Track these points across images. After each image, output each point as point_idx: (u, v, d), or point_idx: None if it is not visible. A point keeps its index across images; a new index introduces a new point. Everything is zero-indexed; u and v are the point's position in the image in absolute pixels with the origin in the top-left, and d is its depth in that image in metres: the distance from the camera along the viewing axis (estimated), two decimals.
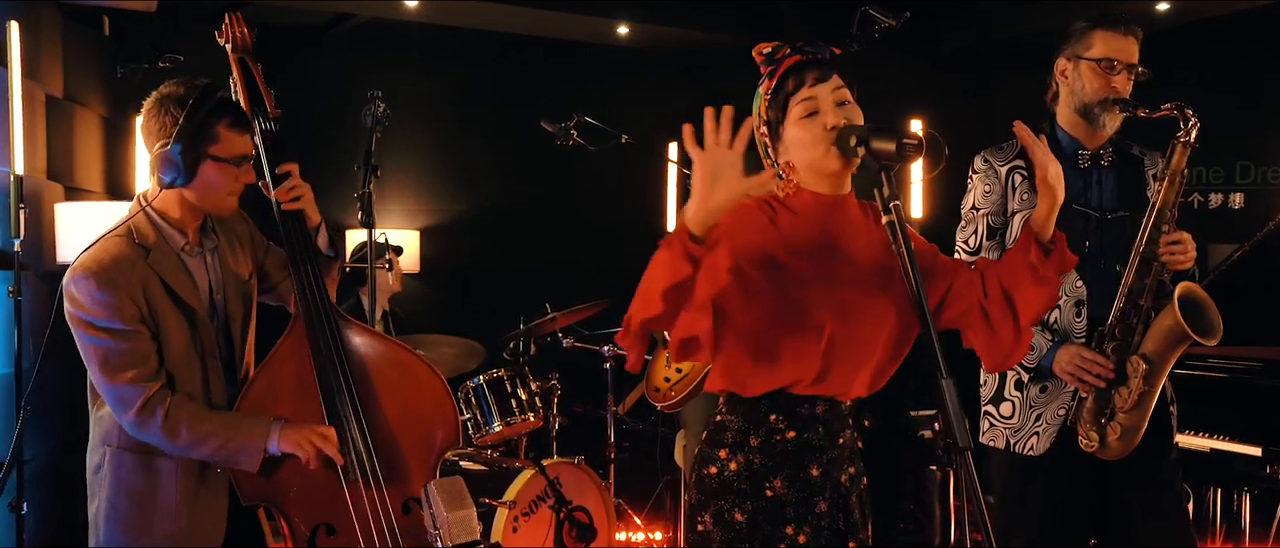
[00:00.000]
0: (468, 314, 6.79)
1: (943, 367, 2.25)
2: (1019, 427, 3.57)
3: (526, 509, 5.18)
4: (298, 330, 3.30)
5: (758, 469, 2.62)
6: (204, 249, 3.26)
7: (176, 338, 3.13)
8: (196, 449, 3.11)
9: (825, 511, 2.65)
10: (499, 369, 5.61)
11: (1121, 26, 3.56)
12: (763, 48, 2.72)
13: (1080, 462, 3.49)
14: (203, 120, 3.08)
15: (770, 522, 2.62)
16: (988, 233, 3.61)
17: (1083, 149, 3.60)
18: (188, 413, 3.09)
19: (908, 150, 2.39)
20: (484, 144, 8.22)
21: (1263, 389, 4.57)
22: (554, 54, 8.22)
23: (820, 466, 2.65)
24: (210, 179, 3.13)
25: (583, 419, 6.51)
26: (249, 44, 3.38)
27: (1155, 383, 3.39)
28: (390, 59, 7.86)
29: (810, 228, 2.62)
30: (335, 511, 3.25)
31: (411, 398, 3.37)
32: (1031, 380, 3.55)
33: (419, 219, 8.10)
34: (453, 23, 7.77)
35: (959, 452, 2.21)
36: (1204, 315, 3.36)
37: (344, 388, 3.26)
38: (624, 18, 7.65)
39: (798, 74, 2.64)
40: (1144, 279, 3.43)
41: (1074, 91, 3.59)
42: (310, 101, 7.34)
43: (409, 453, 3.35)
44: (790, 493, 2.62)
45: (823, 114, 2.59)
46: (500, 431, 5.52)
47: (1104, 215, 3.57)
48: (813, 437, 2.64)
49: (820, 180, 2.65)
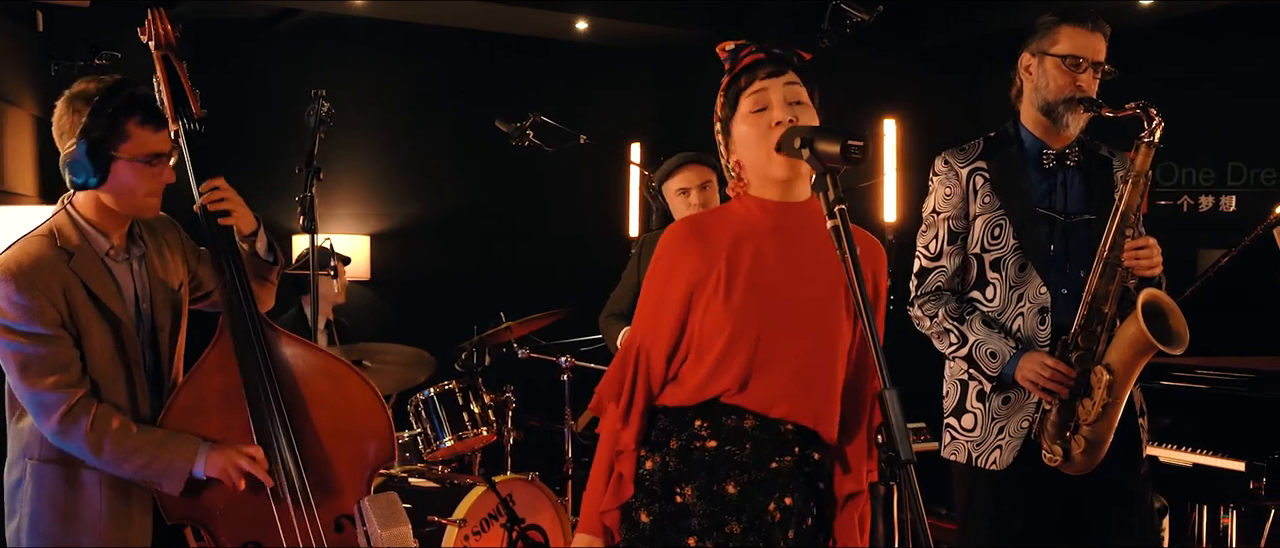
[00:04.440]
0: (420, 323, 6.80)
1: (885, 377, 2.29)
2: (981, 440, 3.58)
3: (478, 528, 5.21)
4: (224, 341, 3.31)
5: (670, 473, 2.66)
6: (130, 256, 3.28)
7: (99, 346, 3.15)
8: (120, 465, 3.12)
9: (738, 533, 2.63)
10: (450, 382, 5.63)
11: (1089, 22, 3.56)
12: (726, 45, 2.76)
13: (1045, 476, 3.50)
14: (111, 118, 3.10)
15: (674, 529, 2.64)
16: (948, 237, 3.63)
17: (1047, 149, 3.61)
18: (114, 425, 3.10)
19: (852, 153, 2.42)
20: (438, 145, 8.25)
21: (1248, 402, 4.58)
22: (512, 51, 8.26)
23: (739, 485, 2.64)
24: (124, 180, 3.15)
25: (540, 434, 6.53)
26: (173, 41, 3.39)
27: (1120, 394, 3.40)
28: (339, 55, 7.88)
29: (753, 234, 2.67)
30: (264, 529, 3.26)
31: (343, 411, 3.39)
32: (994, 391, 3.56)
33: (370, 224, 8.11)
34: (404, 17, 7.80)
35: (901, 465, 2.25)
36: (1169, 324, 3.36)
37: (272, 401, 3.28)
38: (583, 12, 7.69)
39: (751, 70, 2.68)
40: (1108, 286, 3.44)
41: (1038, 89, 3.59)
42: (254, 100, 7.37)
43: (340, 469, 3.36)
44: (699, 504, 2.64)
45: (772, 109, 2.63)
46: (452, 445, 5.55)
47: (1069, 219, 3.58)
48: (735, 452, 2.65)
49: (769, 186, 2.69)
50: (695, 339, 2.66)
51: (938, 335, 3.65)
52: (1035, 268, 3.55)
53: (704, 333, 2.65)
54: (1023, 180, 3.59)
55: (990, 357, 3.52)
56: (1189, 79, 7.76)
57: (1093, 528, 3.60)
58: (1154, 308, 3.36)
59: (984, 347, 3.53)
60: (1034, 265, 3.55)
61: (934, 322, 3.64)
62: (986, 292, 3.62)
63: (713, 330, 2.64)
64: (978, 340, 3.54)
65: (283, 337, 3.38)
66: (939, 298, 3.65)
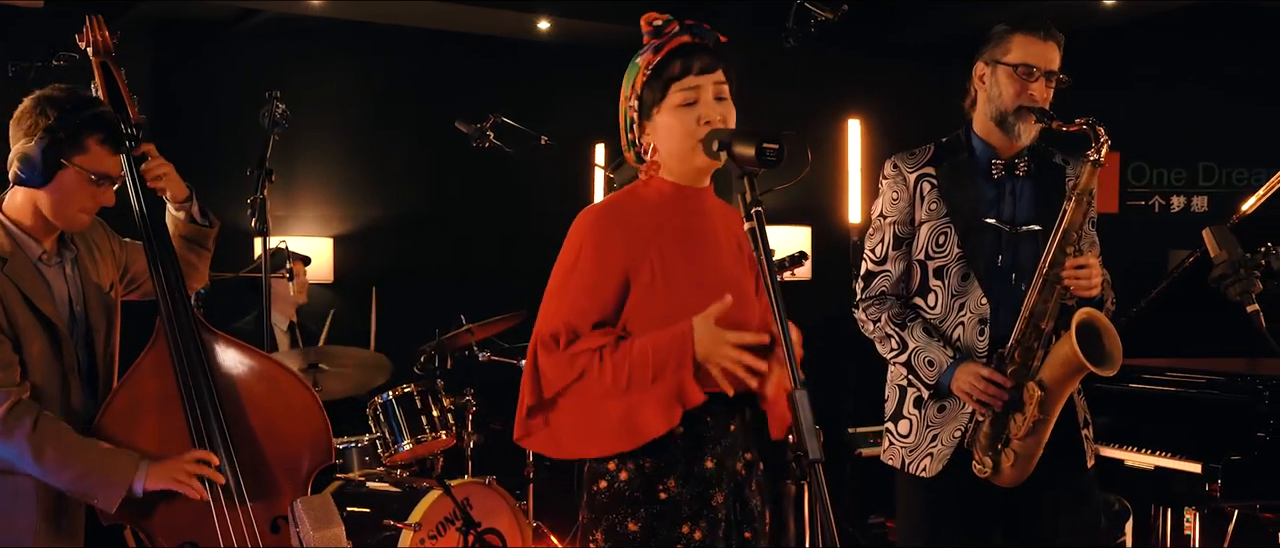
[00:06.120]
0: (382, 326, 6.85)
1: (797, 378, 2.37)
2: (914, 446, 3.63)
3: (434, 532, 5.26)
4: (160, 344, 3.39)
5: (649, 473, 2.73)
6: (63, 260, 3.36)
7: (36, 351, 3.23)
8: (57, 473, 3.19)
9: (721, 502, 2.75)
10: (409, 385, 5.68)
11: (1042, 31, 3.57)
12: (653, 19, 2.82)
13: (976, 485, 3.55)
14: (76, 127, 3.19)
15: (665, 525, 2.73)
16: (894, 242, 3.67)
17: (997, 158, 3.62)
18: (58, 432, 3.18)
19: (768, 156, 2.51)
20: (402, 147, 8.29)
21: (1207, 403, 4.63)
22: (473, 51, 8.30)
23: (715, 456, 2.76)
24: (67, 188, 3.22)
25: (501, 437, 6.56)
26: (111, 47, 3.49)
27: (1051, 411, 3.44)
28: (302, 56, 7.92)
29: (671, 220, 2.77)
30: (201, 530, 3.33)
31: (279, 413, 3.47)
32: (930, 399, 3.61)
33: (332, 226, 8.15)
34: (365, 18, 7.85)
35: (810, 464, 2.33)
36: (1103, 344, 3.39)
37: (208, 403, 3.36)
38: (544, 11, 7.73)
39: (685, 59, 2.75)
40: (1047, 302, 3.46)
41: (991, 98, 3.60)
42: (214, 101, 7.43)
43: (277, 470, 3.44)
44: (685, 491, 2.73)
45: (701, 106, 2.72)
46: (411, 449, 5.58)
47: (1015, 229, 3.61)
48: (703, 429, 2.75)
49: (684, 172, 2.79)
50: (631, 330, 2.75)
51: (880, 340, 3.70)
52: (977, 278, 3.58)
53: (645, 326, 2.72)
54: (971, 189, 3.63)
55: (928, 364, 3.57)
56: (1162, 79, 7.81)
57: (1035, 534, 3.64)
58: (1088, 328, 3.39)
59: (923, 354, 3.58)
60: (976, 275, 3.58)
61: (877, 326, 3.69)
62: (929, 299, 3.66)
63: (655, 322, 2.71)
64: (917, 347, 3.59)
65: (220, 339, 3.46)
66: (883, 302, 3.70)
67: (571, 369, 2.69)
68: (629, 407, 2.66)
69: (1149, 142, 7.89)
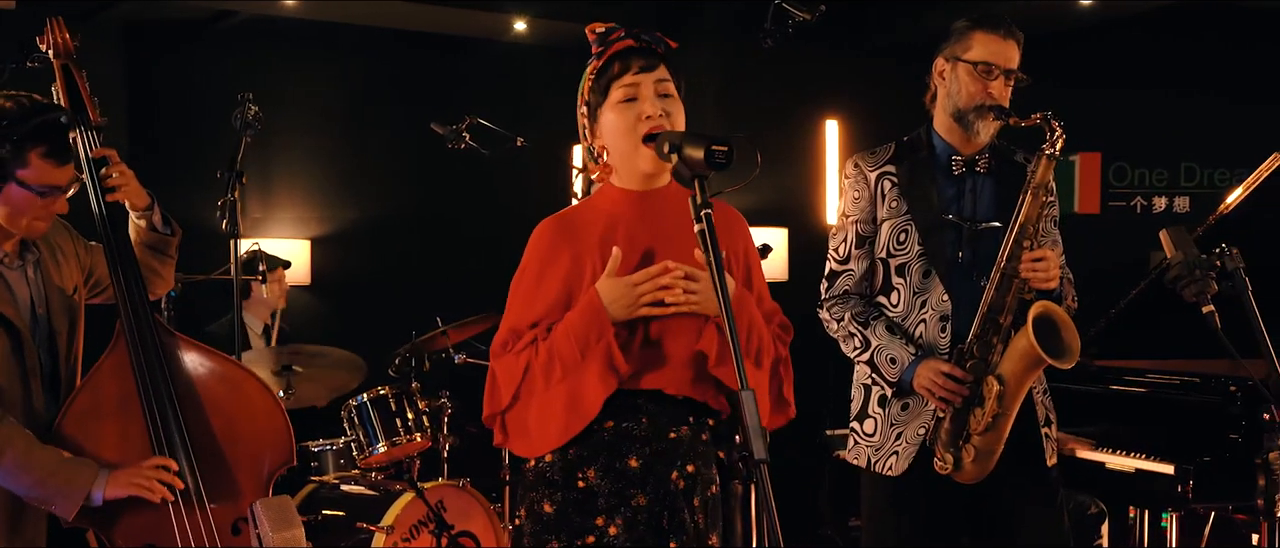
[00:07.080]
0: (358, 328, 6.88)
1: (743, 380, 2.41)
2: (879, 445, 3.68)
3: (407, 534, 5.30)
4: (120, 346, 3.42)
5: (571, 460, 2.79)
6: (25, 262, 3.39)
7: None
8: (15, 479, 3.22)
9: (644, 505, 2.78)
10: (384, 387, 5.71)
11: (1001, 29, 3.62)
12: (596, 27, 2.90)
13: (942, 484, 3.60)
14: (17, 144, 3.20)
15: (579, 513, 2.78)
16: (856, 241, 3.72)
17: (956, 155, 3.68)
18: (20, 436, 3.21)
19: (717, 158, 2.56)
20: (379, 148, 8.29)
21: (1182, 405, 4.68)
22: (449, 52, 8.32)
23: (641, 458, 2.79)
24: (15, 201, 3.25)
25: (476, 440, 6.59)
26: (72, 50, 3.51)
27: (1010, 406, 3.49)
28: (279, 57, 7.93)
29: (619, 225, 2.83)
30: (161, 531, 3.37)
31: (240, 415, 3.51)
32: (894, 397, 3.65)
33: (310, 228, 8.15)
34: (341, 19, 7.87)
35: (755, 464, 2.37)
36: (1061, 336, 3.45)
37: (168, 405, 3.39)
38: (519, 11, 7.76)
39: (624, 59, 2.82)
40: (1005, 297, 3.51)
41: (950, 95, 3.66)
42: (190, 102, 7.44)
43: (238, 472, 3.47)
44: (603, 484, 2.78)
45: (641, 102, 2.79)
46: (386, 451, 5.60)
47: (975, 226, 3.65)
48: (633, 427, 2.80)
49: (633, 176, 2.86)
50: None
51: (843, 339, 3.75)
52: (938, 275, 3.63)
53: None
54: (931, 186, 3.68)
55: (890, 362, 3.62)
56: (1144, 79, 7.85)
57: (999, 532, 3.70)
58: (1045, 321, 3.44)
59: (885, 352, 3.63)
60: (937, 272, 3.63)
61: (840, 325, 3.74)
62: (892, 297, 3.71)
63: None
64: (879, 346, 3.64)
65: (180, 341, 3.50)
66: (846, 301, 3.75)
67: (517, 367, 2.77)
68: (570, 389, 2.73)
69: (1130, 142, 7.92)
